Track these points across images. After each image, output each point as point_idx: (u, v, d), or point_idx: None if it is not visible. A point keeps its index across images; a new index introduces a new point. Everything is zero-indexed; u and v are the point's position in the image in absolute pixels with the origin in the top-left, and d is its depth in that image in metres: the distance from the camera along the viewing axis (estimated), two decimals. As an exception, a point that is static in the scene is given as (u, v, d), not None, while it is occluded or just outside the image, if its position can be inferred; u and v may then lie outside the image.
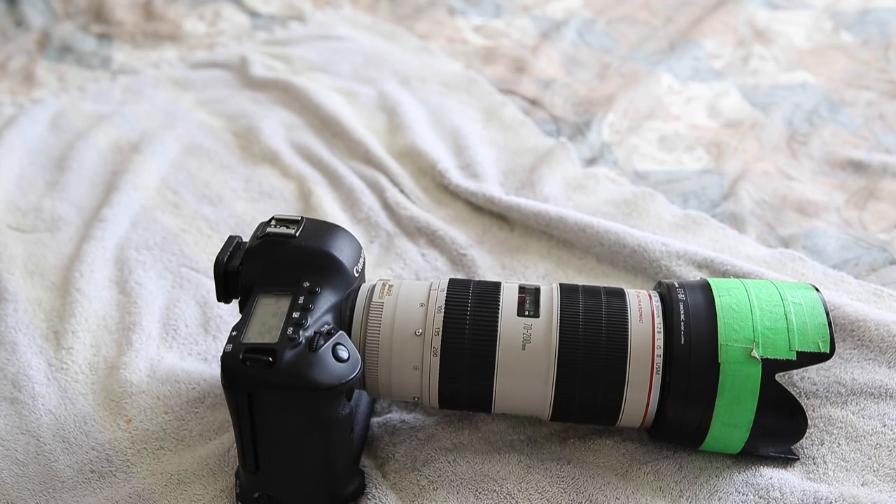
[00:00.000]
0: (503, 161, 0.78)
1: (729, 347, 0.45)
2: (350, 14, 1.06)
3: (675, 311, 0.47)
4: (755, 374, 0.44)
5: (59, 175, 0.77)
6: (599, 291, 0.49)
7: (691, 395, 0.45)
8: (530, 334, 0.47)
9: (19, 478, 0.51)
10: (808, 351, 0.45)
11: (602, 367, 0.46)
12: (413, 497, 0.49)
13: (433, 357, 0.47)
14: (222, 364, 0.43)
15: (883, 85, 0.87)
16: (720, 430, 0.46)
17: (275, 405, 0.43)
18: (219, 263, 0.48)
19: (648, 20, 1.02)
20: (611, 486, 0.48)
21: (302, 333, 0.43)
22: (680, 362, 0.45)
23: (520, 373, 0.46)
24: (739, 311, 0.46)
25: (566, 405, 0.47)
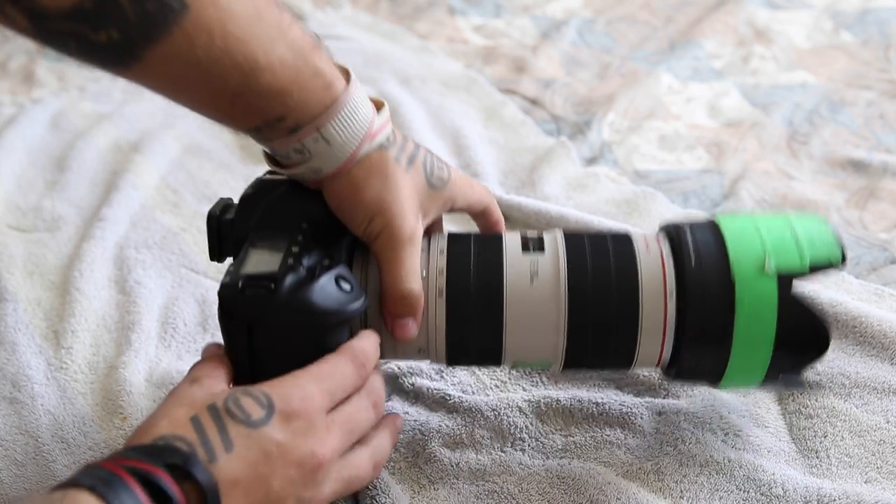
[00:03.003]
0: (503, 160, 0.78)
1: (741, 264, 0.44)
2: (350, 14, 1.06)
3: (682, 239, 0.45)
4: (771, 288, 0.43)
5: (59, 175, 0.77)
6: (603, 233, 0.48)
7: (709, 315, 0.44)
8: (537, 269, 0.45)
9: (17, 478, 0.51)
10: (819, 263, 0.44)
11: (614, 297, 0.44)
12: (413, 494, 0.49)
13: (438, 298, 0.45)
14: (220, 295, 0.40)
15: (883, 85, 0.87)
16: (742, 352, 0.44)
17: (276, 336, 0.40)
18: (212, 216, 0.46)
19: (648, 20, 1.02)
20: (611, 486, 0.48)
21: (303, 262, 0.41)
22: (693, 284, 0.44)
23: (530, 309, 0.45)
24: (746, 232, 0.45)
25: (580, 342, 0.45)
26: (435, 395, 0.54)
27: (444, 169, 0.48)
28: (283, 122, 0.41)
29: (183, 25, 0.36)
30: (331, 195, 0.45)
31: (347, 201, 0.44)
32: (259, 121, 0.41)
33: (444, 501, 0.49)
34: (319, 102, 0.41)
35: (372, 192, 0.44)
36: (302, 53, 0.40)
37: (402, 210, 0.44)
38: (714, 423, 0.52)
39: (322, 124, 0.42)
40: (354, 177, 0.44)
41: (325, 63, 0.42)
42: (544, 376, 0.56)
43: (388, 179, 0.44)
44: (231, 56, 0.37)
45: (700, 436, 0.51)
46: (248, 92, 0.39)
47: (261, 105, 0.40)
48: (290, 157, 0.43)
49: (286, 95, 0.40)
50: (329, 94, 0.42)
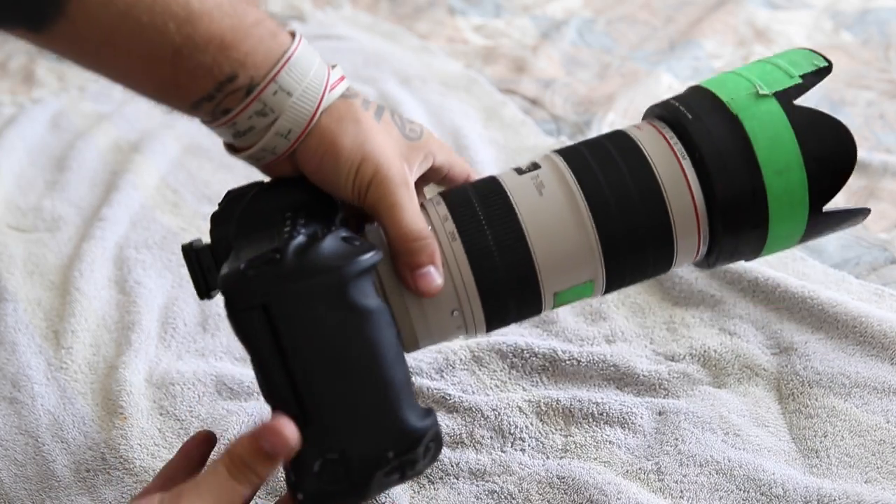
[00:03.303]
0: (503, 160, 0.78)
1: (735, 100, 0.42)
2: (350, 14, 1.06)
3: (668, 106, 0.44)
4: (775, 107, 0.42)
5: (59, 175, 0.77)
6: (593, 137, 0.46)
7: (727, 157, 0.41)
8: (541, 181, 0.43)
9: (17, 478, 0.51)
10: (808, 71, 0.43)
11: (627, 175, 0.42)
12: (413, 494, 0.49)
13: (453, 242, 0.42)
14: (223, 287, 0.36)
15: (883, 85, 0.87)
16: (777, 183, 0.41)
17: (297, 309, 0.35)
18: (187, 249, 0.42)
19: (648, 20, 1.02)
20: (611, 486, 0.48)
21: (301, 231, 0.38)
22: (699, 134, 0.42)
23: (548, 220, 0.42)
24: (727, 80, 0.44)
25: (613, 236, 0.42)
26: (435, 395, 0.54)
27: (416, 123, 0.45)
28: (236, 81, 0.38)
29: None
30: (306, 159, 0.41)
31: (327, 155, 0.41)
32: (210, 84, 0.38)
33: (444, 501, 0.49)
34: (269, 53, 0.39)
35: (349, 139, 0.41)
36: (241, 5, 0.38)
37: (386, 153, 0.41)
38: (714, 423, 0.52)
39: (277, 74, 0.39)
40: (325, 126, 0.41)
41: (264, 15, 0.40)
42: (544, 376, 0.56)
43: (361, 124, 0.41)
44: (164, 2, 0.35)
45: (700, 436, 0.51)
46: (190, 45, 0.36)
47: (206, 62, 0.37)
48: (254, 125, 0.40)
49: (231, 48, 0.37)
50: (277, 43, 0.39)
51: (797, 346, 0.56)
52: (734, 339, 0.57)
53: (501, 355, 0.57)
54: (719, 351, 0.57)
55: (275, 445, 0.35)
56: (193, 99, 0.39)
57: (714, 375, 0.56)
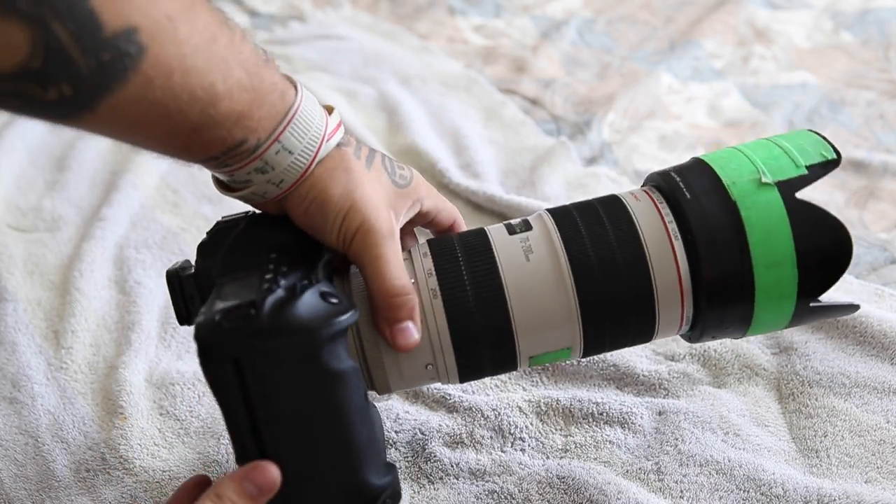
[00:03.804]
0: (503, 160, 0.78)
1: (736, 185, 0.41)
2: (350, 14, 1.06)
3: (669, 179, 0.43)
4: (775, 198, 0.41)
5: (59, 175, 0.77)
6: (589, 200, 0.45)
7: (720, 244, 0.40)
8: (529, 245, 0.42)
9: (17, 478, 0.51)
10: (816, 162, 0.42)
11: (616, 249, 0.41)
12: (413, 493, 0.49)
13: (434, 300, 0.41)
14: (197, 336, 0.36)
15: (883, 85, 0.87)
16: (766, 277, 0.41)
17: (268, 367, 0.36)
18: (171, 274, 0.43)
19: (648, 20, 1.02)
20: (611, 486, 0.48)
21: (281, 283, 0.37)
22: (694, 215, 0.41)
23: (532, 287, 0.41)
24: (731, 157, 0.43)
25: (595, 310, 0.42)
26: (435, 395, 0.54)
27: (405, 169, 0.46)
28: (244, 145, 0.39)
29: (141, 70, 0.33)
30: (295, 205, 0.42)
31: (315, 204, 0.41)
32: (219, 150, 0.39)
33: (444, 501, 0.49)
34: (277, 114, 0.39)
35: (339, 189, 0.41)
36: (257, 72, 0.38)
37: (374, 202, 0.42)
38: (714, 423, 0.52)
39: (280, 134, 0.40)
40: (317, 177, 0.41)
41: (276, 74, 0.40)
42: (544, 376, 0.56)
43: (352, 173, 0.42)
44: (190, 90, 0.35)
45: (700, 436, 0.51)
46: (209, 123, 0.37)
47: (221, 135, 0.38)
48: (251, 178, 0.41)
49: (245, 118, 0.38)
50: (284, 102, 0.40)
51: (797, 346, 0.56)
52: (734, 338, 0.58)
53: (501, 355, 0.57)
54: (719, 351, 0.57)
55: (259, 486, 0.36)
56: (199, 160, 0.40)
57: (714, 375, 0.56)
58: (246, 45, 0.38)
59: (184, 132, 0.37)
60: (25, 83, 0.31)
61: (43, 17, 0.30)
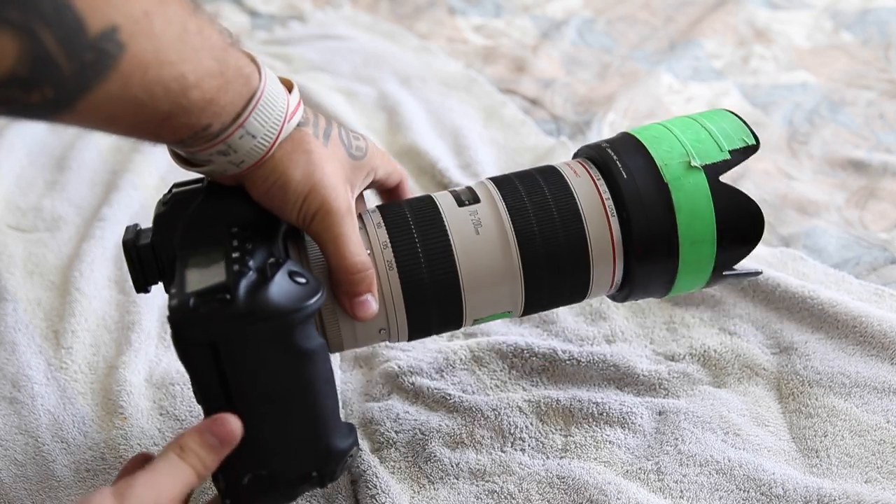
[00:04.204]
0: (503, 160, 0.78)
1: (668, 167, 0.45)
2: (350, 14, 1.06)
3: (606, 156, 0.46)
4: (702, 181, 0.45)
5: (59, 175, 0.77)
6: (530, 171, 0.48)
7: (652, 222, 0.45)
8: (479, 218, 0.45)
9: (17, 478, 0.51)
10: (737, 147, 0.46)
11: (559, 229, 0.45)
12: (413, 493, 0.49)
13: (390, 272, 0.44)
14: (172, 320, 0.37)
15: (883, 85, 0.87)
16: (689, 253, 0.45)
17: (243, 350, 0.37)
18: (127, 244, 0.43)
19: (648, 20, 1.02)
20: (611, 486, 0.48)
21: (250, 264, 0.38)
22: (630, 195, 0.45)
23: (483, 261, 0.44)
24: (662, 136, 0.46)
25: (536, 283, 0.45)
26: (435, 395, 0.54)
27: (361, 139, 0.47)
28: (209, 130, 0.39)
29: (120, 67, 0.33)
30: (255, 184, 0.43)
31: (275, 185, 0.42)
32: (186, 135, 0.39)
33: (444, 501, 0.48)
34: (242, 99, 0.40)
35: (299, 171, 0.42)
36: (224, 58, 0.38)
37: (332, 182, 0.43)
38: (714, 423, 0.52)
39: (245, 120, 0.40)
40: (278, 159, 0.42)
41: (241, 58, 0.40)
42: (544, 376, 0.56)
43: (311, 155, 0.43)
44: (164, 83, 0.35)
45: (700, 435, 0.51)
46: (179, 112, 0.37)
47: (190, 121, 0.38)
48: (212, 158, 0.41)
49: (213, 104, 0.38)
50: (248, 88, 0.40)
51: (797, 346, 0.56)
52: (734, 338, 0.57)
53: (501, 355, 0.57)
54: (719, 351, 0.57)
55: (220, 436, 0.38)
56: (166, 143, 0.41)
57: (714, 375, 0.56)
58: (213, 31, 0.38)
59: (154, 121, 0.37)
60: (10, 90, 0.31)
61: (32, 26, 0.30)
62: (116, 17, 0.32)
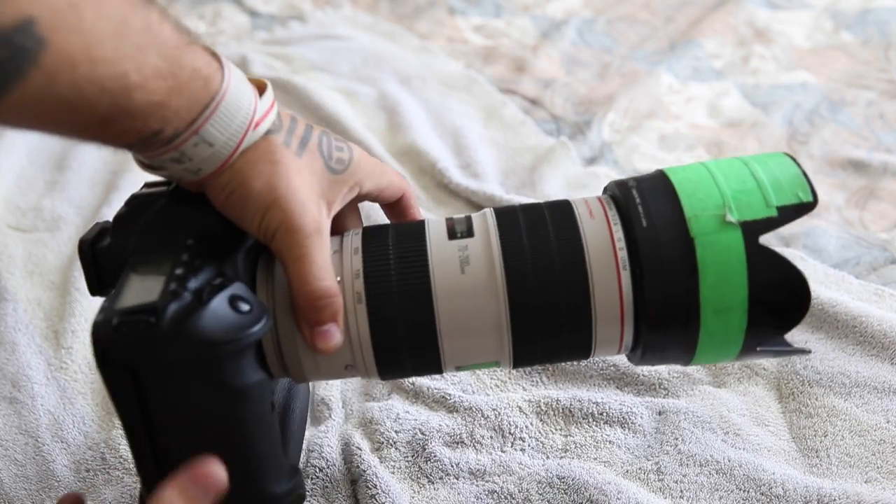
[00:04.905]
0: (503, 160, 0.78)
1: (699, 218, 0.38)
2: (350, 14, 1.06)
3: (629, 198, 0.39)
4: (736, 241, 0.37)
5: (59, 175, 0.77)
6: (540, 205, 0.42)
7: (669, 282, 0.38)
8: (467, 255, 0.39)
9: (17, 478, 0.51)
10: (789, 204, 0.38)
11: (558, 276, 0.39)
12: (413, 493, 0.49)
13: (358, 305, 0.39)
14: (93, 337, 0.34)
15: (883, 85, 0.87)
16: (713, 322, 0.38)
17: (166, 379, 0.34)
18: (84, 244, 0.40)
19: (648, 20, 1.02)
20: (611, 486, 0.48)
21: (188, 286, 0.35)
22: (647, 246, 0.38)
23: (464, 303, 0.39)
24: (700, 181, 0.39)
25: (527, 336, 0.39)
26: (435, 395, 0.54)
27: (345, 150, 0.42)
28: (160, 135, 0.36)
29: (41, 64, 0.30)
30: (214, 193, 0.39)
31: (234, 195, 0.38)
32: (133, 139, 0.36)
33: (444, 501, 0.49)
34: (197, 104, 0.36)
35: (260, 182, 0.38)
36: (177, 57, 0.35)
37: (300, 198, 0.38)
38: (714, 423, 0.52)
39: (201, 127, 0.36)
40: (238, 169, 0.38)
41: (201, 58, 0.37)
42: (544, 376, 0.56)
43: (277, 166, 0.38)
44: (99, 82, 0.32)
45: (700, 435, 0.51)
46: (121, 115, 0.34)
47: (135, 125, 0.35)
48: (166, 166, 0.38)
49: (163, 108, 0.35)
50: (207, 92, 0.36)
51: (797, 346, 0.56)
52: (734, 338, 0.57)
53: (501, 355, 0.57)
54: (719, 351, 0.57)
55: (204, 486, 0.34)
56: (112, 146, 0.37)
57: (714, 375, 0.56)
58: (165, 27, 0.35)
59: (93, 125, 0.34)
60: None
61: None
62: (32, 9, 0.29)
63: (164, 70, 0.34)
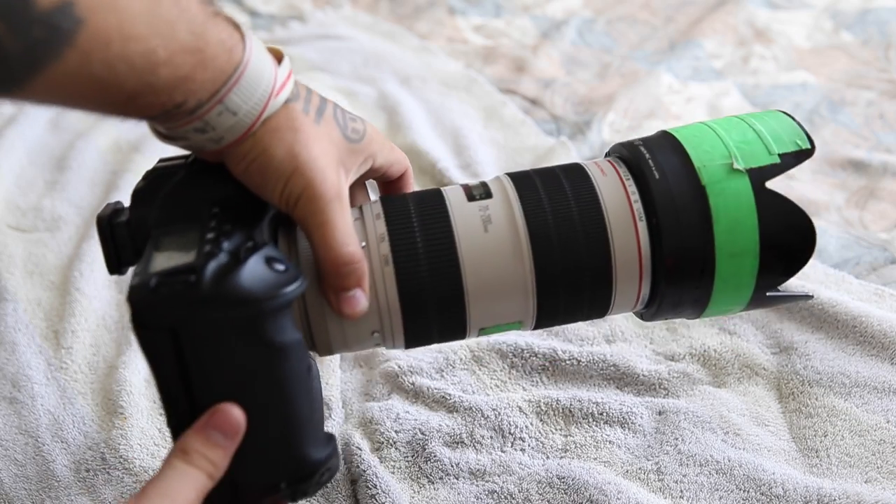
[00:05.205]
0: (503, 160, 0.78)
1: (707, 168, 0.39)
2: (350, 14, 1.06)
3: (638, 154, 0.41)
4: (745, 187, 0.39)
5: (59, 175, 0.77)
6: (552, 167, 0.43)
7: (685, 230, 0.39)
8: (489, 214, 0.40)
9: (17, 477, 0.51)
10: (789, 151, 0.40)
11: (578, 228, 0.40)
12: (413, 493, 0.49)
13: (385, 267, 0.39)
14: (131, 301, 0.33)
15: (883, 85, 0.87)
16: (727, 266, 0.39)
17: (208, 338, 0.34)
18: (102, 220, 0.39)
19: (648, 20, 1.02)
20: (611, 486, 0.48)
21: (223, 247, 0.35)
22: (662, 196, 0.39)
23: (489, 259, 0.39)
24: (704, 136, 0.41)
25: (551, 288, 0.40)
26: (435, 395, 0.54)
27: (358, 121, 0.42)
28: (183, 107, 0.36)
29: (77, 44, 0.30)
30: (235, 161, 0.39)
31: (255, 164, 0.38)
32: (157, 112, 0.36)
33: (444, 501, 0.49)
34: (222, 74, 0.36)
35: (282, 150, 0.38)
36: (203, 31, 0.34)
37: (320, 164, 0.39)
38: (714, 423, 0.52)
39: (225, 96, 0.36)
40: (259, 137, 0.38)
41: (224, 29, 0.36)
42: (544, 376, 0.56)
43: (298, 133, 0.38)
44: (129, 59, 0.32)
45: (700, 435, 0.51)
46: (146, 90, 0.34)
47: (160, 99, 0.35)
48: (188, 135, 0.38)
49: (188, 81, 0.35)
50: (230, 63, 0.36)
51: (797, 346, 0.56)
52: (734, 338, 0.57)
53: (501, 355, 0.57)
54: (719, 350, 0.57)
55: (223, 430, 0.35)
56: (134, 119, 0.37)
57: (714, 375, 0.56)
58: (193, 1, 0.35)
59: (120, 101, 0.34)
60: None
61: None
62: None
63: (191, 44, 0.34)
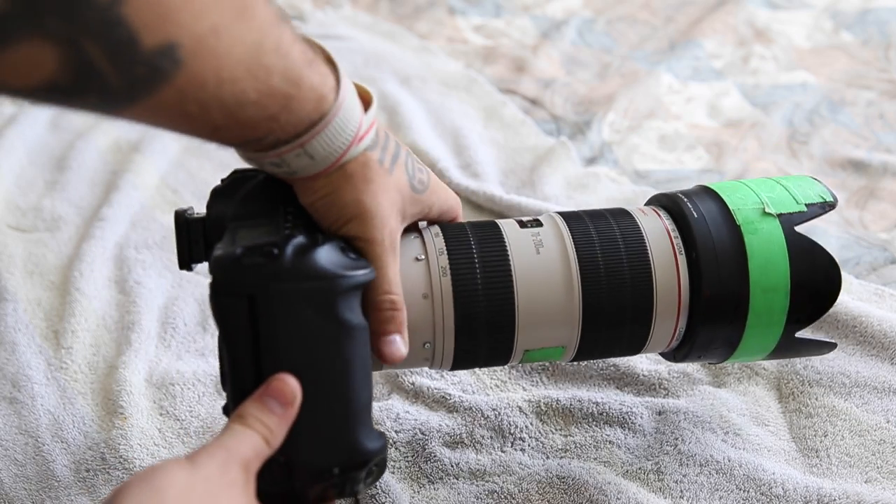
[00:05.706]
0: (503, 160, 0.78)
1: (741, 211, 0.43)
2: (350, 14, 1.06)
3: (676, 199, 0.45)
4: (776, 228, 0.43)
5: (59, 174, 0.77)
6: (597, 209, 0.46)
7: (722, 265, 0.42)
8: (541, 240, 0.43)
9: (17, 477, 0.51)
10: (815, 202, 0.44)
11: (623, 253, 0.43)
12: (413, 493, 0.49)
13: (443, 277, 0.42)
14: (214, 267, 0.36)
15: (883, 85, 0.87)
16: (760, 301, 0.43)
17: (284, 308, 0.36)
18: (179, 214, 0.42)
19: (648, 20, 1.02)
20: (611, 486, 0.48)
21: (300, 231, 0.38)
22: (700, 233, 0.43)
23: (540, 278, 0.42)
24: (736, 188, 0.45)
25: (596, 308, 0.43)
26: (435, 395, 0.54)
27: (424, 172, 0.44)
28: (265, 141, 0.37)
29: (175, 83, 0.31)
30: (303, 191, 0.40)
31: (322, 201, 0.40)
32: (238, 142, 0.37)
33: (444, 501, 0.49)
34: (306, 119, 0.37)
35: (351, 196, 0.40)
36: (297, 77, 0.35)
37: (383, 213, 0.40)
38: (714, 423, 0.52)
39: (307, 142, 0.37)
40: (332, 179, 0.39)
41: (319, 75, 0.37)
42: (544, 376, 0.56)
43: (370, 184, 0.40)
44: (220, 99, 0.33)
45: (700, 435, 0.51)
46: (232, 125, 0.35)
47: (243, 133, 0.36)
48: (263, 165, 0.39)
49: (272, 121, 0.36)
50: (318, 111, 0.37)
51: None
52: (734, 338, 0.57)
53: (501, 355, 0.57)
54: (719, 351, 0.57)
55: (279, 398, 0.36)
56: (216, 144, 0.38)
57: (714, 375, 0.56)
58: (295, 47, 0.35)
59: (205, 132, 0.35)
60: (51, 96, 0.30)
61: (74, 37, 0.28)
62: (178, 35, 0.30)
63: (282, 90, 0.35)
